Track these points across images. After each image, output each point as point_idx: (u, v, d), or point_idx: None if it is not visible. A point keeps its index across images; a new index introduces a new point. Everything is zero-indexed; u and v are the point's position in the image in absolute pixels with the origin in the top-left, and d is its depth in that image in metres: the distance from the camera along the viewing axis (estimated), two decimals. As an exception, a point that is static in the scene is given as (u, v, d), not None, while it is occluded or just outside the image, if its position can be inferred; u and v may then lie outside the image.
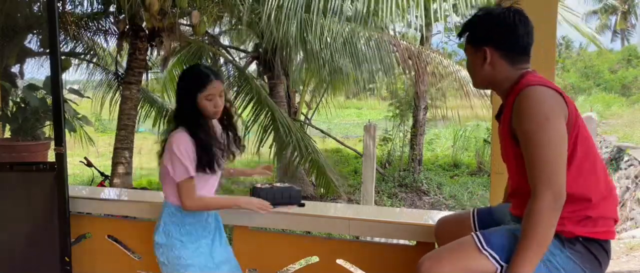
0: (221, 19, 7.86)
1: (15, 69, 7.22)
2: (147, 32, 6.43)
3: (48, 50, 3.16)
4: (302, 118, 11.19)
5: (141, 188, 7.26)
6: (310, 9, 7.56)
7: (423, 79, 9.94)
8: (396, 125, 11.95)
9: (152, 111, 9.16)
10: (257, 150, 7.70)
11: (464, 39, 1.77)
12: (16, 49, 6.85)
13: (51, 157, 3.33)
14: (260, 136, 7.60)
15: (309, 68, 9.51)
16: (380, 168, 11.34)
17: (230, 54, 10.61)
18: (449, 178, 11.92)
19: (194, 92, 2.07)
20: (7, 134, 4.91)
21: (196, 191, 2.13)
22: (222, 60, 9.63)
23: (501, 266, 1.60)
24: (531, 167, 1.55)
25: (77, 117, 5.43)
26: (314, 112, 12.30)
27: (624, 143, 10.84)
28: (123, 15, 6.36)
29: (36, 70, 8.14)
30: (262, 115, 7.60)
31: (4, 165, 3.14)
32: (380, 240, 2.92)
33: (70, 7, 7.26)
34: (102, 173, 6.23)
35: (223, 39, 11.06)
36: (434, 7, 7.88)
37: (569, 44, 29.72)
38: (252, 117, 7.65)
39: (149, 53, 6.74)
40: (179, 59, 8.86)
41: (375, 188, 8.39)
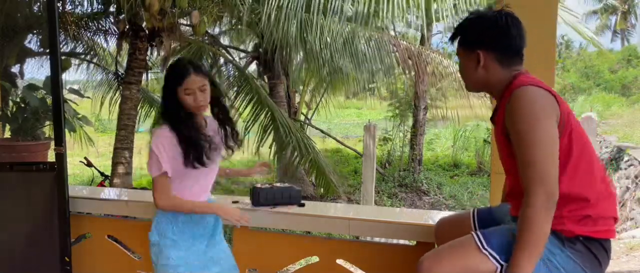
0: (221, 19, 7.85)
1: (15, 69, 7.23)
2: (147, 32, 6.43)
3: (48, 50, 3.16)
4: (302, 118, 11.19)
5: (141, 188, 7.25)
6: (310, 9, 7.56)
7: (423, 79, 9.94)
8: (396, 125, 11.94)
9: (152, 111, 9.15)
10: (257, 150, 7.70)
11: (456, 42, 1.77)
12: (16, 49, 6.86)
13: (51, 157, 3.33)
14: (260, 136, 7.60)
15: (309, 68, 9.51)
16: (380, 168, 11.33)
17: (230, 54, 10.60)
18: (449, 178, 11.91)
19: (173, 87, 2.04)
20: (7, 134, 4.91)
21: (171, 189, 2.05)
22: (222, 60, 9.63)
23: (501, 265, 1.61)
24: (523, 166, 1.56)
25: (77, 117, 5.44)
26: (314, 112, 12.30)
27: (624, 143, 10.82)
28: (123, 15, 6.36)
29: (36, 70, 8.16)
30: (262, 115, 7.59)
31: (4, 165, 3.14)
32: (380, 240, 2.92)
33: (70, 7, 7.27)
34: (102, 173, 6.24)
35: (223, 39, 11.05)
36: (434, 7, 7.88)
37: (569, 44, 29.68)
38: (252, 117, 7.65)
39: (149, 53, 6.74)
40: (179, 59, 8.85)
41: (375, 188, 8.39)
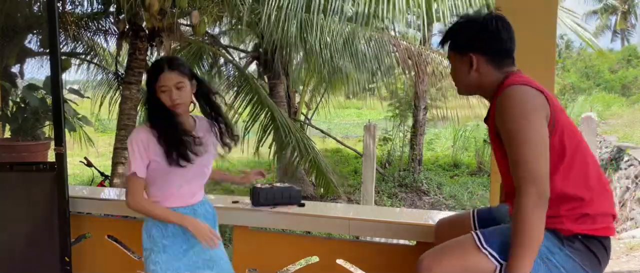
0: (221, 19, 7.85)
1: (15, 69, 7.22)
2: (147, 32, 6.43)
3: (48, 50, 3.16)
4: (302, 118, 11.19)
5: (141, 189, 7.24)
6: (310, 9, 7.56)
7: (423, 79, 9.95)
8: (396, 125, 11.95)
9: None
10: (257, 150, 7.70)
11: (446, 46, 1.78)
12: (16, 49, 6.85)
13: (51, 157, 3.33)
14: (260, 136, 7.60)
15: (309, 68, 9.52)
16: (380, 168, 11.33)
17: (230, 54, 10.60)
18: (449, 178, 11.91)
19: (150, 85, 2.00)
20: (7, 134, 4.91)
21: (141, 191, 2.01)
22: (222, 60, 9.63)
23: (500, 264, 1.61)
24: (514, 165, 1.57)
25: (77, 117, 5.43)
26: (314, 112, 12.30)
27: (624, 144, 10.81)
28: (123, 15, 6.36)
29: (36, 70, 8.16)
30: (262, 115, 7.59)
31: (4, 165, 3.14)
32: (380, 240, 2.92)
33: (70, 7, 7.27)
34: (102, 173, 6.24)
35: (223, 39, 11.05)
36: (434, 7, 7.87)
37: (569, 44, 29.68)
38: (252, 117, 7.65)
39: (149, 53, 6.74)
40: (179, 59, 8.84)
41: (375, 188, 8.39)
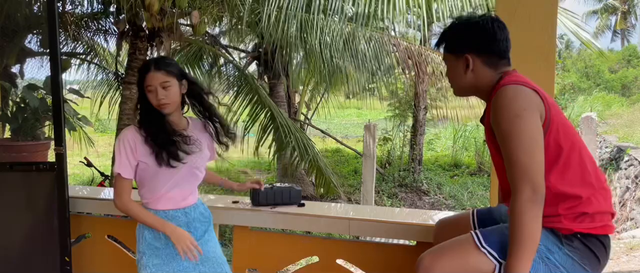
0: (221, 19, 7.85)
1: (15, 69, 7.22)
2: (147, 32, 6.42)
3: (48, 50, 3.16)
4: (302, 118, 11.19)
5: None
6: (310, 9, 7.56)
7: (423, 79, 9.94)
8: (396, 125, 11.95)
9: (152, 111, 9.12)
10: (257, 150, 7.70)
11: (442, 48, 1.79)
12: (16, 49, 6.85)
13: (51, 157, 3.33)
14: (260, 136, 7.60)
15: (309, 68, 9.51)
16: (380, 168, 11.33)
17: (230, 54, 10.60)
18: (449, 178, 11.91)
19: (139, 85, 2.00)
20: (7, 134, 4.91)
21: (126, 191, 2.00)
22: (222, 60, 9.63)
23: (500, 263, 1.62)
24: (508, 164, 1.57)
25: (77, 117, 5.44)
26: (314, 112, 12.30)
27: (624, 144, 10.81)
28: (123, 15, 6.36)
29: (36, 70, 8.14)
30: (262, 115, 7.59)
31: (4, 165, 3.14)
32: (380, 240, 2.92)
33: (70, 7, 7.27)
34: (102, 174, 6.23)
35: (223, 39, 11.05)
36: (434, 7, 7.88)
37: (569, 44, 29.72)
38: (252, 117, 7.65)
39: (149, 53, 6.74)
40: (179, 59, 8.85)
41: (375, 188, 8.39)
